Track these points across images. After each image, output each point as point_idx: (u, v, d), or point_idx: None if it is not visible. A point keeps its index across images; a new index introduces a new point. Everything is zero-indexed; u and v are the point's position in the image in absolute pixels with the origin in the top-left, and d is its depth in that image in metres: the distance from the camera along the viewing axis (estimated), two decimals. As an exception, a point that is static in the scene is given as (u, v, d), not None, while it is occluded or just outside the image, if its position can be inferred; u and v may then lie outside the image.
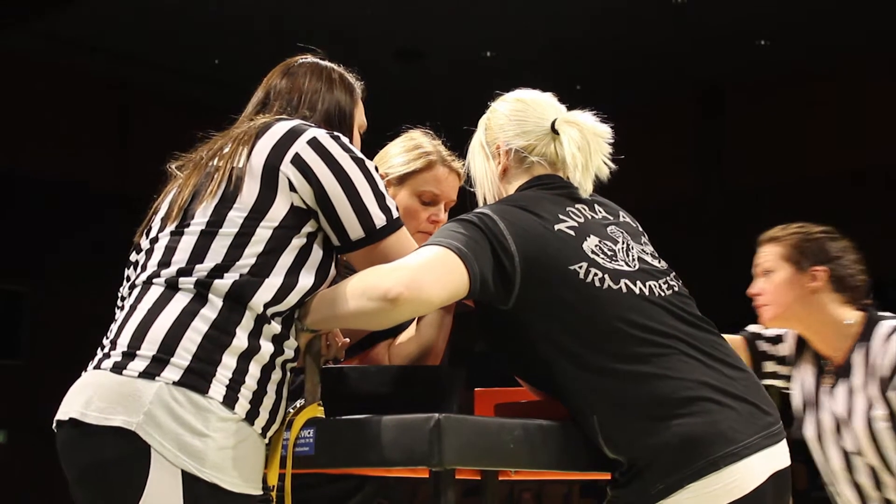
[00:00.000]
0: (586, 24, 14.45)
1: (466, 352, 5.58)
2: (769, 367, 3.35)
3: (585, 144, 2.37)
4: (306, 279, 2.13)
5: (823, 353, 3.21)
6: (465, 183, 2.64)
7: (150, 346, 2.04)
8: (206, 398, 2.01)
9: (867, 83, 15.98)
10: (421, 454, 1.99)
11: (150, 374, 2.01)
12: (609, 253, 2.29)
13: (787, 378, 3.34)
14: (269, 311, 2.09)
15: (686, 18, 14.43)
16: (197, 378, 2.01)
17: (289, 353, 2.14)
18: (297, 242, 2.13)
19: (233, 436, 2.03)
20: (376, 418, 2.07)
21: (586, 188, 2.38)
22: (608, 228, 2.35)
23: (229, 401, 2.03)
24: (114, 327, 2.14)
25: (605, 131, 2.42)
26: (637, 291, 2.25)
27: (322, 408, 2.20)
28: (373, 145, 2.90)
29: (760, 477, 2.14)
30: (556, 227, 2.28)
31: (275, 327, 2.10)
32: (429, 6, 14.10)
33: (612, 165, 2.41)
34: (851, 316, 3.18)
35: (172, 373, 2.01)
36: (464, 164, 2.61)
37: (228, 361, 2.04)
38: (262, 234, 2.09)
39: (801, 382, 3.27)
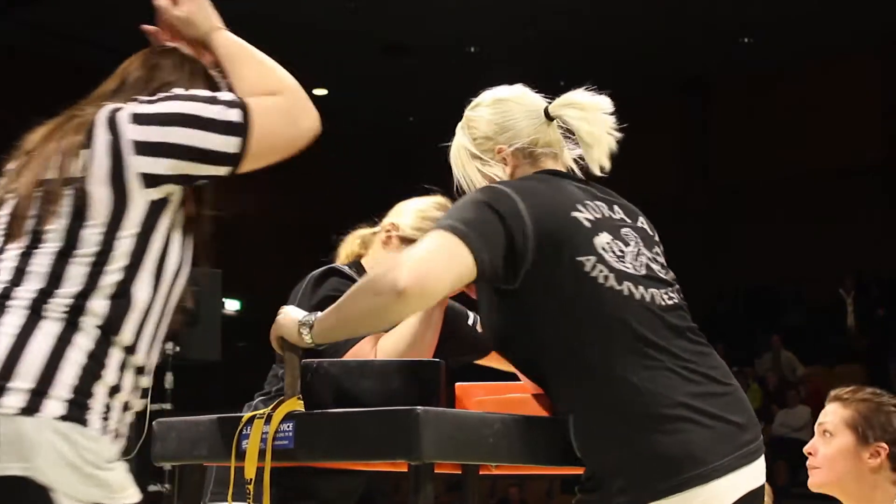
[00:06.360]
0: (570, 19, 14.45)
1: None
2: None
3: (594, 120, 2.33)
4: (157, 293, 1.99)
5: None
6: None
7: (25, 379, 1.86)
8: (88, 429, 1.88)
9: (854, 82, 16.01)
10: (400, 448, 1.98)
11: (31, 409, 1.85)
12: (618, 253, 2.24)
13: None
14: (135, 344, 1.97)
15: (671, 15, 14.43)
16: (79, 411, 1.88)
17: (134, 395, 2.01)
18: (158, 245, 1.99)
19: (117, 458, 1.94)
20: (356, 412, 2.06)
21: (605, 165, 2.34)
22: (622, 230, 2.30)
23: (104, 430, 1.92)
24: None
25: (605, 103, 2.36)
26: (638, 296, 2.21)
27: (302, 401, 2.19)
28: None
29: (728, 499, 2.12)
30: (573, 213, 2.24)
31: (138, 359, 1.99)
32: (414, 2, 14.07)
33: (618, 135, 2.35)
34: None
35: (56, 407, 1.86)
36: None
37: (100, 394, 1.91)
38: (122, 246, 1.95)
39: None
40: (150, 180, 1.96)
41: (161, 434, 2.35)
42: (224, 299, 7.96)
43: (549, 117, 2.38)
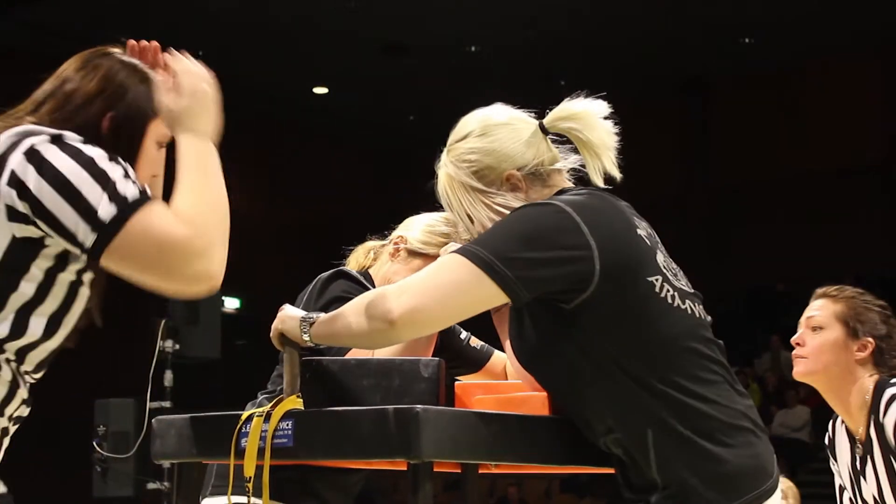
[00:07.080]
0: (570, 19, 14.45)
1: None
2: None
3: (597, 126, 2.24)
4: (21, 334, 1.88)
5: (851, 429, 3.15)
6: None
7: None
8: None
9: (854, 82, 16.01)
10: (399, 446, 1.98)
11: None
12: (673, 271, 2.20)
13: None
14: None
15: (671, 15, 14.43)
16: None
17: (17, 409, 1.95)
18: (27, 289, 1.86)
19: None
20: (355, 410, 2.06)
21: (614, 173, 2.25)
22: (659, 246, 2.25)
23: None
24: None
25: (601, 107, 2.25)
26: (697, 315, 2.20)
27: (301, 399, 2.19)
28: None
29: None
30: (638, 231, 2.18)
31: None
32: (414, 2, 14.08)
33: (617, 137, 2.27)
34: (870, 388, 3.11)
35: None
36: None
37: None
38: None
39: (840, 467, 3.21)
40: (14, 215, 1.84)
41: (160, 432, 2.35)
42: (224, 297, 7.99)
43: (545, 132, 2.28)
